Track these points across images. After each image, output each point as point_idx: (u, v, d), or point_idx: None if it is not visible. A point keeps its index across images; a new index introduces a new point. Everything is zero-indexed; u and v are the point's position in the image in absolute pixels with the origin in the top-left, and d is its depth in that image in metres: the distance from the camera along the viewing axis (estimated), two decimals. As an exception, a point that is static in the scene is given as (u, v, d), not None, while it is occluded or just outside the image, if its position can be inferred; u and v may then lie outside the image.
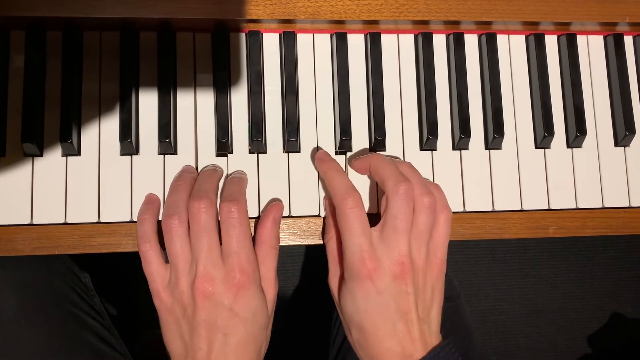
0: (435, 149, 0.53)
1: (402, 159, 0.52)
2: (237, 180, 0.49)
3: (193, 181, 0.49)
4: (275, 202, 0.50)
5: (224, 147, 0.50)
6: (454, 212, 0.52)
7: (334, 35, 0.52)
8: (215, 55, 0.51)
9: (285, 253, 1.08)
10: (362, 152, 0.52)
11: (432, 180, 0.52)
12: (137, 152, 0.50)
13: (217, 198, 0.47)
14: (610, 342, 1.31)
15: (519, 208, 0.53)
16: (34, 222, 0.48)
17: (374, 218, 0.48)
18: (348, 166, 0.51)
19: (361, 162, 0.50)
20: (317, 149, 0.52)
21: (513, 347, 1.28)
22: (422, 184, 0.46)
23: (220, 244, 0.45)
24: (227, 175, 0.50)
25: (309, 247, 1.12)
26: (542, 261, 1.30)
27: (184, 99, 0.51)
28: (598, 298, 1.31)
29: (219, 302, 0.43)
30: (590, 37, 0.56)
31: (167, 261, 0.46)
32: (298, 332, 1.02)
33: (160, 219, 0.48)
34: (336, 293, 0.47)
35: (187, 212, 0.46)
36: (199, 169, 0.50)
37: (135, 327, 0.98)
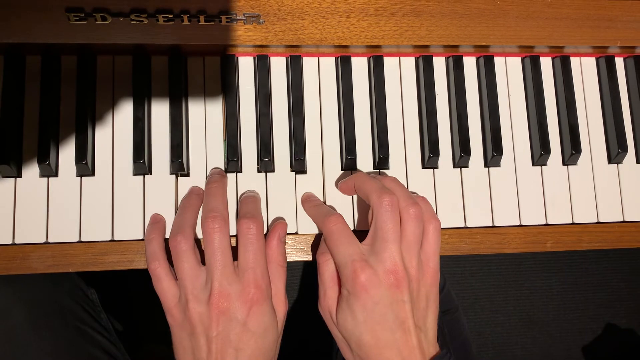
0: (437, 167, 0.55)
1: (405, 176, 0.54)
2: (253, 200, 0.50)
3: (200, 201, 0.50)
4: (279, 221, 0.52)
5: (233, 166, 0.52)
6: (455, 228, 0.54)
7: (339, 59, 0.55)
8: (224, 78, 0.53)
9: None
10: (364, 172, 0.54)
11: (434, 196, 0.54)
12: (149, 172, 0.51)
13: (228, 213, 0.48)
14: (605, 352, 1.32)
15: (517, 223, 0.55)
16: (50, 240, 0.49)
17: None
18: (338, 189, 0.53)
19: (346, 184, 0.52)
20: (323, 167, 0.53)
21: (509, 358, 1.29)
22: (406, 196, 0.47)
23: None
24: (239, 195, 0.52)
25: (309, 262, 1.13)
26: (537, 273, 1.32)
27: (194, 120, 0.53)
28: (592, 309, 1.33)
29: (232, 317, 0.45)
30: (583, 59, 0.58)
31: (177, 278, 0.47)
32: (300, 345, 1.03)
33: (167, 237, 0.50)
34: (333, 313, 0.47)
35: (193, 229, 0.48)
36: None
37: (141, 342, 0.99)
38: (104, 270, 0.51)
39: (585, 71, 0.58)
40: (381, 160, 0.53)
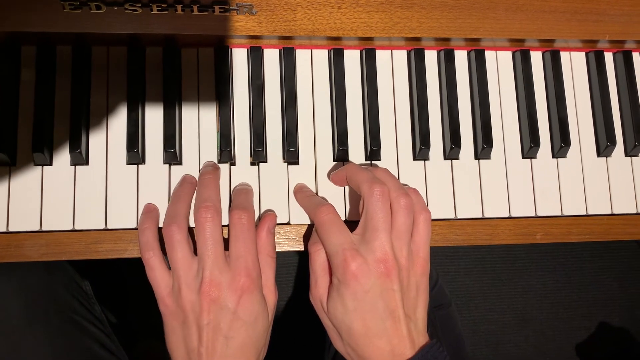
0: (428, 159, 0.56)
1: (396, 168, 0.55)
2: (245, 192, 0.51)
3: (193, 190, 0.51)
4: (268, 212, 0.52)
5: (226, 156, 0.52)
6: (445, 219, 0.55)
7: (331, 51, 0.55)
8: (218, 69, 0.53)
9: (279, 264, 1.09)
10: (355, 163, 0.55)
11: (424, 188, 0.55)
12: (143, 161, 0.52)
13: (220, 204, 0.49)
14: (598, 350, 1.33)
15: (507, 215, 0.56)
16: (43, 228, 0.50)
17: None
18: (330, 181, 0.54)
19: (337, 175, 0.52)
20: (315, 158, 0.54)
21: (503, 356, 1.30)
22: (397, 187, 0.48)
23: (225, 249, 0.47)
24: (232, 186, 0.53)
25: (303, 258, 1.14)
26: (531, 271, 1.32)
27: (188, 111, 0.53)
28: (585, 307, 1.33)
29: (223, 306, 0.45)
30: (573, 53, 0.59)
31: (169, 267, 0.48)
32: (293, 340, 1.04)
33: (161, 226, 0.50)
34: (324, 302, 0.48)
35: (186, 220, 0.48)
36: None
37: (134, 335, 0.99)
38: (97, 260, 0.51)
39: (575, 65, 0.59)
40: (373, 151, 0.54)
